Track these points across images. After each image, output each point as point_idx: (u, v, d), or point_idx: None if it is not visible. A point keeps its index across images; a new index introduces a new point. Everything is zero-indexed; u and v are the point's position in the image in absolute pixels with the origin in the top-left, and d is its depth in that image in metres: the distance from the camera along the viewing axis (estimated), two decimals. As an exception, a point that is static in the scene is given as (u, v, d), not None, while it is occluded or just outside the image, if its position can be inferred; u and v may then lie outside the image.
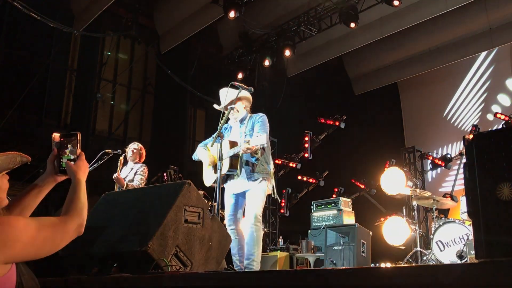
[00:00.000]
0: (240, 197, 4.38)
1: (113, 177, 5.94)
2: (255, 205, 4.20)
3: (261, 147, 4.09)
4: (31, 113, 10.22)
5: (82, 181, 1.94)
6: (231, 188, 4.41)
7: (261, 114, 4.48)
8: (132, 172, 6.07)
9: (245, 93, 4.48)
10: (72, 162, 1.98)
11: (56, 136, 2.04)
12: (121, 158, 6.10)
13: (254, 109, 4.68)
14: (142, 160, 6.29)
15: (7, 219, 1.60)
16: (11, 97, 9.38)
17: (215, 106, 4.59)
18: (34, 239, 1.61)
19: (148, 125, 12.23)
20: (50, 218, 1.74)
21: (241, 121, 4.51)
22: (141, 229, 2.95)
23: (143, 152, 6.31)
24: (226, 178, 4.40)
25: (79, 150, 2.01)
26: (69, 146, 2.02)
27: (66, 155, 2.01)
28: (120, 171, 6.05)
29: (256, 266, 4.10)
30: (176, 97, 11.58)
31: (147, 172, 6.15)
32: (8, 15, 9.35)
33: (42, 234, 1.65)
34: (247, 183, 4.27)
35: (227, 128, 4.63)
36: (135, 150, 6.18)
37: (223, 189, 4.47)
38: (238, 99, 4.45)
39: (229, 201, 4.43)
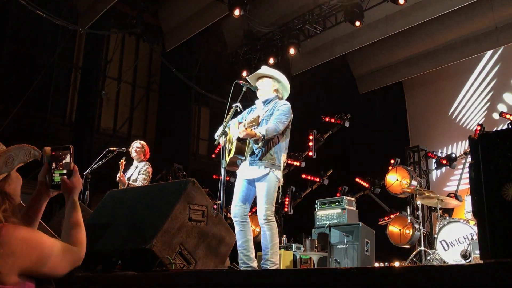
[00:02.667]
0: (250, 185, 4.09)
1: (116, 179, 5.96)
2: (265, 201, 3.92)
3: (263, 135, 3.86)
4: (36, 110, 10.26)
5: (77, 201, 1.90)
6: (242, 172, 4.14)
7: (285, 101, 4.18)
8: (136, 171, 6.07)
9: (283, 78, 4.30)
10: (66, 177, 1.89)
11: (47, 149, 1.94)
12: (122, 160, 6.08)
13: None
14: (147, 157, 6.26)
15: (34, 234, 1.64)
16: (16, 95, 9.43)
17: (247, 77, 4.36)
18: (54, 258, 1.65)
19: (152, 123, 12.26)
20: (64, 244, 1.75)
21: (265, 102, 4.25)
22: (146, 227, 2.96)
23: (147, 149, 6.27)
24: (240, 161, 4.16)
25: (72, 164, 1.91)
26: (62, 159, 1.91)
27: (59, 170, 1.91)
28: (123, 172, 6.06)
29: (271, 266, 3.85)
30: (180, 95, 11.59)
31: (151, 170, 6.12)
32: (14, 13, 9.38)
33: (59, 256, 1.68)
34: (254, 171, 4.00)
35: (252, 109, 4.39)
36: (138, 149, 6.17)
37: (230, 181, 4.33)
38: (269, 77, 4.27)
39: (238, 187, 4.14)
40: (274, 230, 3.96)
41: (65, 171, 1.90)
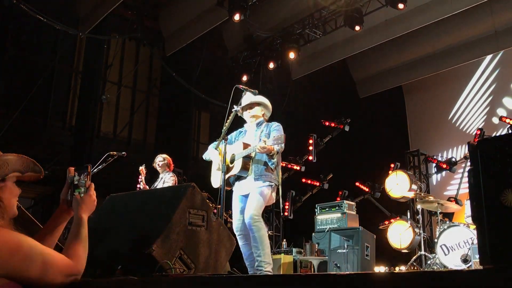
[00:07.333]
0: (246, 199, 4.28)
1: (137, 189, 6.16)
2: (252, 206, 4.11)
3: (277, 150, 4.12)
4: (36, 114, 10.26)
5: (84, 220, 1.92)
6: (238, 190, 4.35)
7: (277, 123, 4.47)
8: (161, 182, 6.41)
9: (266, 101, 4.57)
10: (80, 195, 1.97)
11: (71, 169, 2.06)
12: (142, 168, 6.46)
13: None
14: (172, 168, 6.61)
15: (16, 236, 1.63)
16: (17, 99, 9.43)
17: (235, 107, 4.50)
18: (39, 263, 1.64)
19: (152, 127, 12.26)
20: (57, 253, 1.74)
21: (258, 125, 4.51)
22: (146, 231, 2.95)
23: (170, 161, 6.62)
24: (235, 179, 4.36)
25: (89, 182, 2.01)
26: (80, 178, 2.02)
27: (77, 188, 2.01)
28: (149, 184, 6.43)
29: (265, 267, 3.99)
30: (180, 99, 11.60)
31: (175, 179, 6.45)
32: (15, 17, 9.41)
33: (47, 263, 1.67)
34: (253, 184, 4.20)
35: (241, 131, 4.63)
36: (160, 163, 6.52)
37: (230, 191, 4.46)
38: (258, 104, 4.51)
39: (236, 204, 4.36)
40: (262, 230, 4.09)
41: (82, 189, 2.00)
